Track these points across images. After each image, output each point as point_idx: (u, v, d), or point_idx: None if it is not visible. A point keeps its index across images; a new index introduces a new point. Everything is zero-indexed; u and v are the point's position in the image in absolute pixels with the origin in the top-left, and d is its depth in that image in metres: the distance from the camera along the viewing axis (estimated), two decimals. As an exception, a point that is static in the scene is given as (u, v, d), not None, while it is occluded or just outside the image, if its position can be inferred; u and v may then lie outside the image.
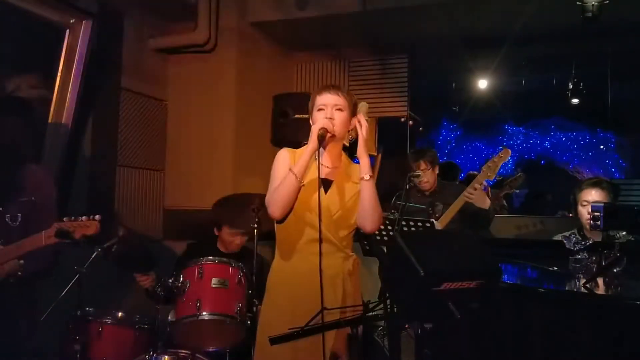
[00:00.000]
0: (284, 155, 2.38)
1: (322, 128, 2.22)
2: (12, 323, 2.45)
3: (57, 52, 3.51)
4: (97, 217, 2.40)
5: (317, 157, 2.24)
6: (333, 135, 2.27)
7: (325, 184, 2.32)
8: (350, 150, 2.42)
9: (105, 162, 4.09)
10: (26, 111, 2.86)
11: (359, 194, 2.30)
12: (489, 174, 3.46)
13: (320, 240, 2.20)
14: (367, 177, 2.26)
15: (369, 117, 2.43)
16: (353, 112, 2.36)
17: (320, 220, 2.19)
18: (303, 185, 2.24)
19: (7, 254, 2.34)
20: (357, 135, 2.36)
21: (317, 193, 2.23)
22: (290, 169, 2.24)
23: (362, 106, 2.44)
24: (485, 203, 3.44)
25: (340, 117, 2.30)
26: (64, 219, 2.37)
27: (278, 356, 2.15)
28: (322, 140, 2.22)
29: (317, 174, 2.26)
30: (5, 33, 3.23)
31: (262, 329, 2.32)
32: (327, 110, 2.30)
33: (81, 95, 3.61)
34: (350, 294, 2.30)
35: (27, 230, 2.41)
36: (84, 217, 2.39)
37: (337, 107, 2.31)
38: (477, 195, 3.41)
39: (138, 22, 4.38)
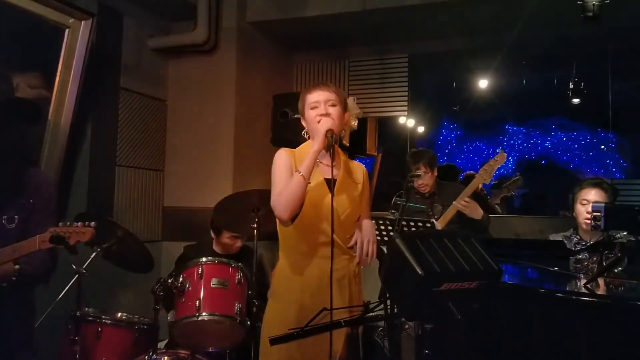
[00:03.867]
0: (283, 156, 2.32)
1: (330, 129, 2.18)
2: (7, 327, 2.41)
3: (57, 51, 3.50)
4: (92, 223, 2.34)
5: (328, 162, 2.21)
6: (337, 136, 2.23)
7: (329, 183, 2.27)
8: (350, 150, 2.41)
9: (105, 162, 4.08)
10: (31, 113, 2.82)
11: (361, 194, 2.32)
12: (485, 178, 3.50)
13: (332, 245, 2.15)
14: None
15: (360, 112, 2.40)
16: (345, 108, 2.33)
17: (332, 224, 2.13)
18: (310, 184, 2.20)
19: (0, 256, 2.29)
20: (351, 129, 2.34)
21: (324, 195, 2.21)
22: (297, 169, 2.19)
23: (351, 105, 2.39)
24: (478, 213, 3.48)
25: (335, 112, 2.27)
26: (60, 224, 2.32)
27: (281, 358, 2.14)
28: (330, 142, 2.18)
29: (321, 176, 2.25)
30: (5, 33, 3.22)
31: (267, 333, 2.25)
32: (321, 106, 2.26)
33: (80, 95, 3.60)
34: (355, 295, 2.29)
35: (24, 233, 2.37)
36: (79, 223, 2.33)
37: (330, 103, 2.27)
38: (470, 207, 3.46)
39: (138, 22, 4.37)
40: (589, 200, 2.90)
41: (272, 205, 2.24)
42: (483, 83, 6.68)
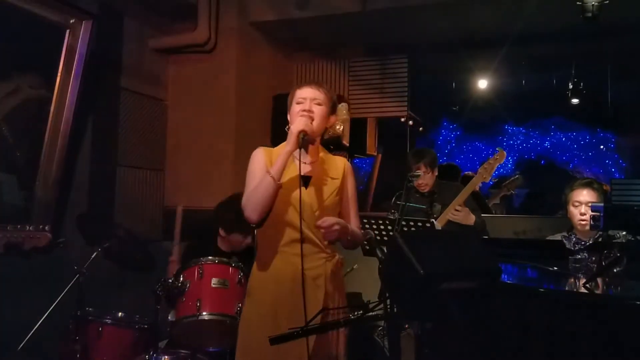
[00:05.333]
0: (259, 155, 2.33)
1: (302, 130, 2.17)
2: None
3: (57, 52, 3.51)
4: (47, 227, 2.21)
5: (299, 157, 2.21)
6: (311, 137, 2.23)
7: (305, 180, 2.25)
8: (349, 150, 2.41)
9: (105, 162, 4.08)
10: None
11: (339, 191, 2.31)
12: (484, 176, 3.49)
13: (302, 240, 2.15)
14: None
15: (347, 119, 2.38)
16: (332, 111, 2.34)
17: (301, 218, 2.14)
18: (281, 186, 2.19)
19: None
20: (335, 134, 2.34)
21: (298, 191, 2.19)
22: (267, 171, 2.19)
23: (341, 111, 2.38)
24: (470, 220, 3.49)
25: (318, 112, 2.27)
26: (8, 227, 2.14)
27: (261, 358, 2.13)
28: (302, 143, 2.18)
29: (296, 172, 2.22)
30: (5, 33, 3.22)
31: (243, 333, 2.28)
32: (306, 103, 2.27)
33: (81, 95, 3.60)
34: (331, 295, 2.25)
35: None
36: (31, 227, 2.17)
37: (316, 102, 2.28)
38: (461, 215, 3.46)
39: (138, 22, 4.38)
40: (580, 202, 2.91)
41: (242, 205, 2.24)
42: (483, 83, 6.68)
